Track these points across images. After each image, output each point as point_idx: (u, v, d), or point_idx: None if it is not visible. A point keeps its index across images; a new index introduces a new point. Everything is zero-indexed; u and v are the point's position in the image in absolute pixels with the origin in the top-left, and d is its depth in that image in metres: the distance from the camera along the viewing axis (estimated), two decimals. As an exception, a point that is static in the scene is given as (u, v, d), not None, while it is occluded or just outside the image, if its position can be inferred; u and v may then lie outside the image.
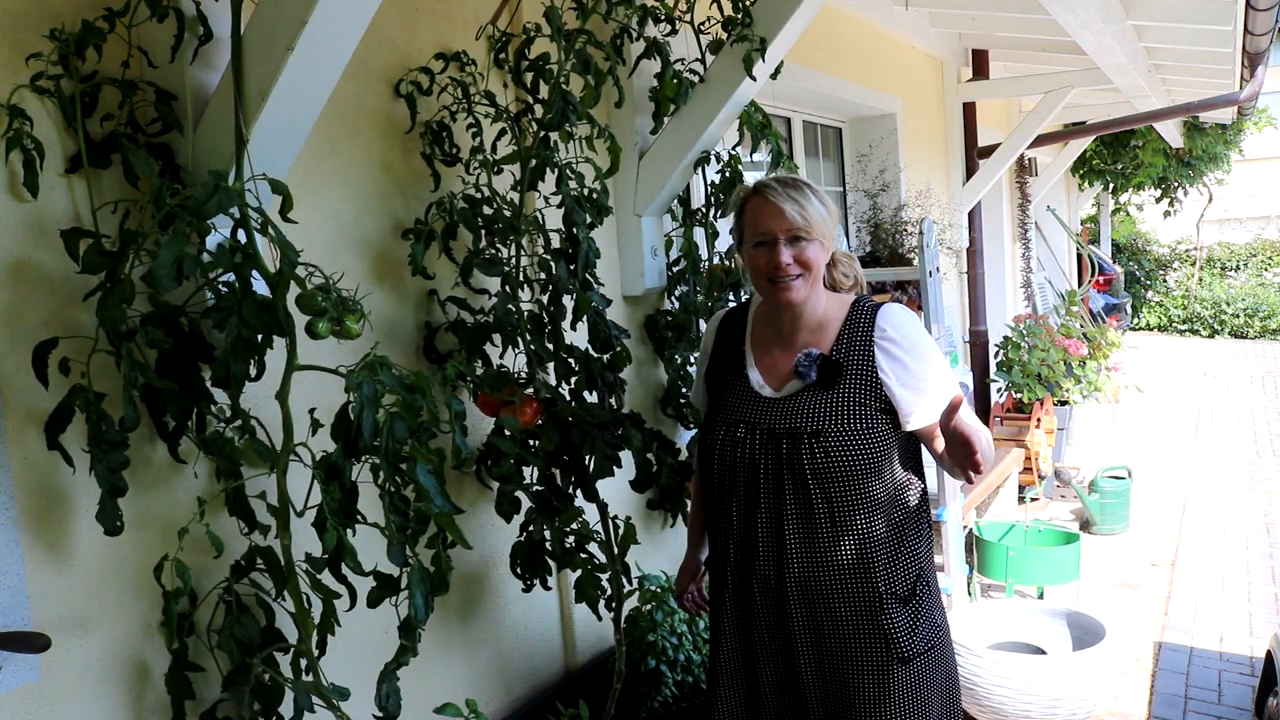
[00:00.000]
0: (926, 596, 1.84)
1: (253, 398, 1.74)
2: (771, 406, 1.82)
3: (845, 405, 1.76)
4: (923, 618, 1.82)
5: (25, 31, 1.56)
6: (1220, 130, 10.42)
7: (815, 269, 1.79)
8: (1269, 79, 6.66)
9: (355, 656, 2.07)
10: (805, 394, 1.79)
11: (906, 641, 1.79)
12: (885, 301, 1.85)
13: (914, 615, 1.81)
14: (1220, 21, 4.28)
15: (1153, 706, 3.38)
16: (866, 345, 1.78)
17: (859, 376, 1.77)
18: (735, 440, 1.84)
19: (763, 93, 2.93)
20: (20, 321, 1.56)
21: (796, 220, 1.76)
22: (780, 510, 1.79)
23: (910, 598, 1.81)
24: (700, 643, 2.77)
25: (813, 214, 1.77)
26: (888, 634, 1.78)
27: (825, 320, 1.83)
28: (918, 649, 1.80)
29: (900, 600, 1.80)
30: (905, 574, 1.82)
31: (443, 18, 2.36)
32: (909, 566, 1.82)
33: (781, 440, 1.78)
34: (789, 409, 1.80)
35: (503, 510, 2.24)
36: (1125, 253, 14.76)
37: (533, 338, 2.28)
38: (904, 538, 1.82)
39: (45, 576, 1.59)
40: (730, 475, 1.85)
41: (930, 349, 1.80)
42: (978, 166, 6.48)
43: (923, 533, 1.89)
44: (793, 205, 1.76)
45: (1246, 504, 5.61)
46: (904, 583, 1.81)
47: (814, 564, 1.78)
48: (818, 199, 1.80)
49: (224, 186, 1.50)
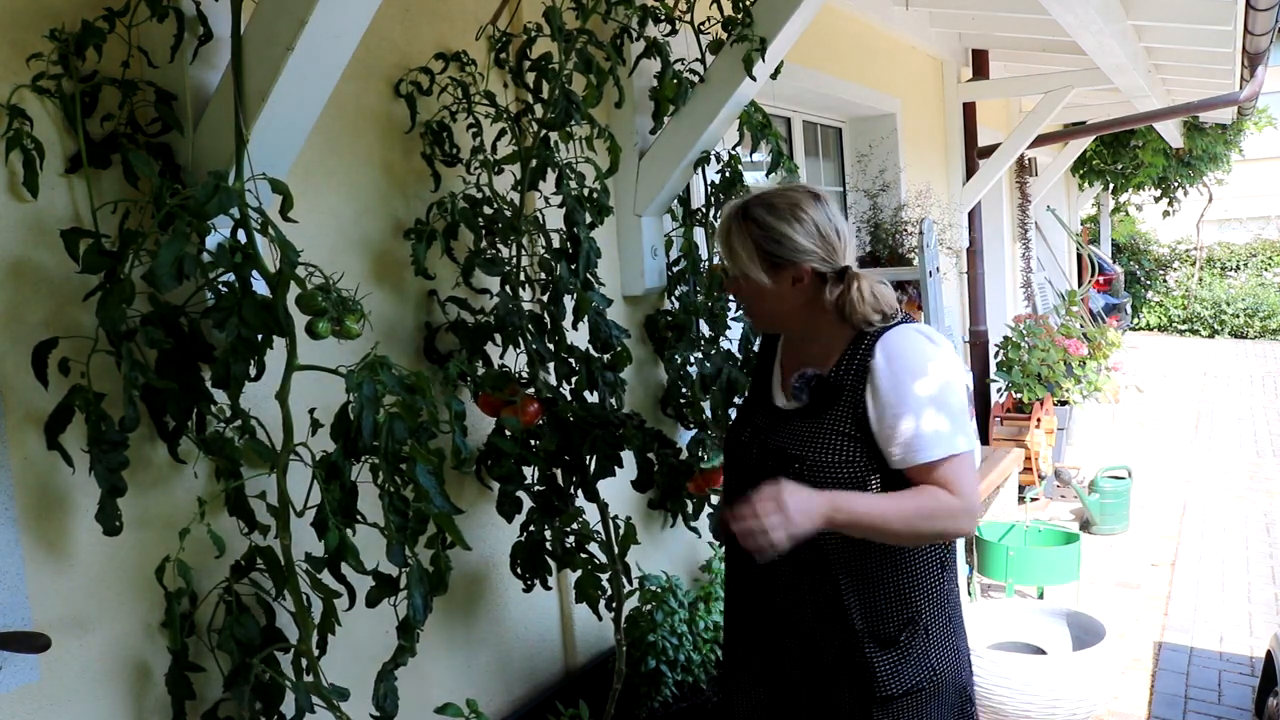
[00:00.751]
0: (919, 642, 1.69)
1: (253, 398, 1.74)
2: (776, 419, 1.77)
3: (827, 433, 1.66)
4: (911, 660, 1.68)
5: (25, 31, 1.56)
6: (1220, 130, 10.42)
7: (751, 301, 1.74)
8: (1269, 79, 6.65)
9: (356, 656, 2.07)
10: (798, 415, 1.72)
11: (887, 682, 1.66)
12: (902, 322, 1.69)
13: (899, 658, 1.68)
14: (1220, 21, 4.29)
15: (1153, 706, 3.38)
16: (861, 373, 1.65)
17: (848, 405, 1.65)
18: (740, 443, 1.82)
19: (763, 93, 2.93)
20: (20, 321, 1.56)
21: (723, 256, 1.76)
22: None
23: (895, 640, 1.68)
24: (700, 643, 2.77)
25: (738, 249, 1.70)
26: (865, 673, 1.67)
27: (831, 341, 1.71)
28: (896, 689, 1.67)
29: (881, 642, 1.67)
30: (891, 616, 1.68)
31: (443, 18, 2.36)
32: (897, 610, 1.69)
33: (768, 459, 1.73)
34: (785, 426, 1.74)
35: (503, 510, 2.24)
36: (1125, 253, 14.77)
37: (533, 338, 2.28)
38: (893, 579, 1.69)
39: (45, 576, 1.59)
40: (734, 478, 1.82)
41: (926, 385, 1.62)
42: (978, 166, 6.48)
43: (923, 577, 1.71)
44: (721, 241, 1.74)
45: (1246, 504, 5.61)
46: (889, 625, 1.68)
47: (796, 588, 1.71)
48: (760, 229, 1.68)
49: (224, 186, 1.50)
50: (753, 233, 1.69)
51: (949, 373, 1.64)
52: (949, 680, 1.73)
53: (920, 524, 1.60)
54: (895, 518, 1.58)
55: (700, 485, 2.65)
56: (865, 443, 1.64)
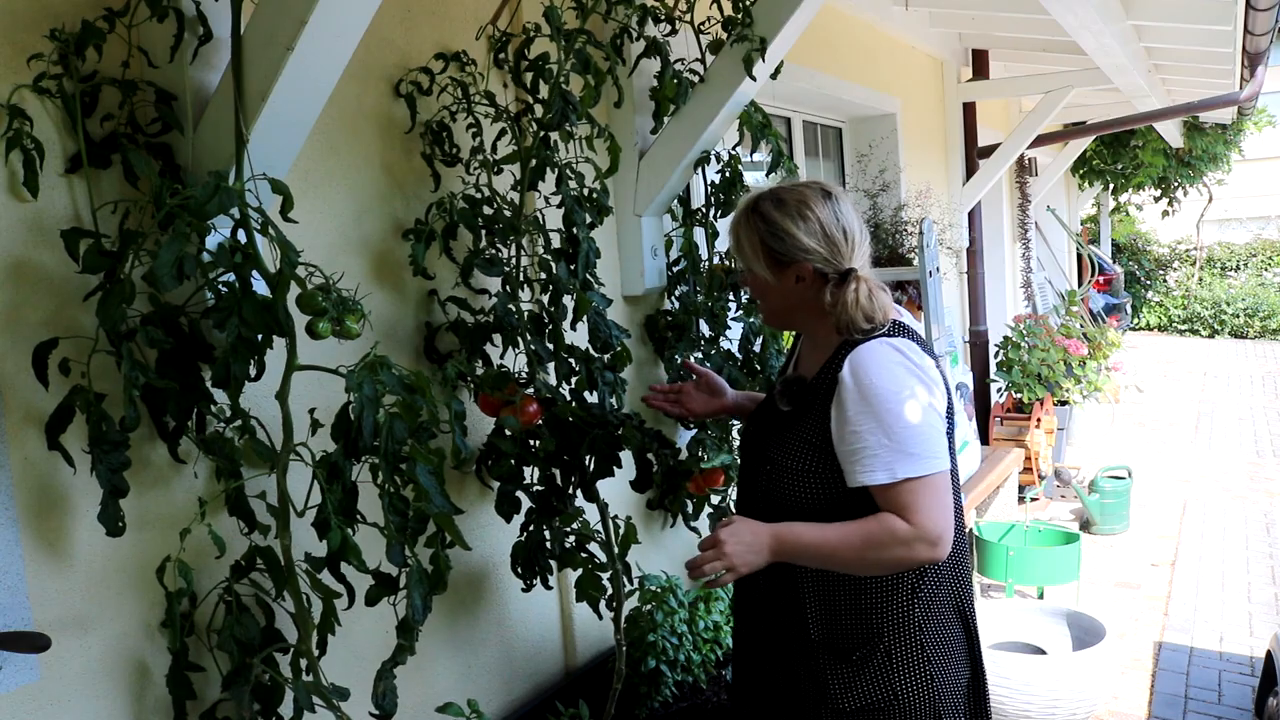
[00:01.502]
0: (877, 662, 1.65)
1: (253, 398, 1.74)
2: (773, 421, 1.78)
3: (796, 440, 1.66)
4: (865, 679, 1.65)
5: (25, 31, 1.56)
6: (1220, 130, 10.43)
7: (760, 296, 1.75)
8: (1269, 79, 6.66)
9: (356, 656, 2.07)
10: (781, 419, 1.73)
11: (841, 695, 1.65)
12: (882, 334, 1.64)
13: (855, 672, 1.65)
14: (1220, 21, 4.29)
15: (1153, 706, 3.38)
16: (831, 384, 1.62)
17: (817, 414, 1.64)
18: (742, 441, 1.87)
19: (763, 93, 2.93)
20: (20, 321, 1.56)
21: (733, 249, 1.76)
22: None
23: (848, 657, 1.65)
24: (700, 643, 2.77)
25: (745, 244, 1.71)
26: (817, 681, 1.67)
27: (826, 345, 1.70)
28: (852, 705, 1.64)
29: (838, 655, 1.66)
30: (851, 635, 1.66)
31: (443, 18, 2.36)
32: (856, 629, 1.66)
33: (751, 457, 1.78)
34: (774, 429, 1.75)
35: (503, 510, 2.24)
36: (1125, 253, 14.77)
37: (533, 338, 2.28)
38: (855, 593, 1.65)
39: (45, 576, 1.59)
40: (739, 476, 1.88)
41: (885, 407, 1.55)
42: (978, 166, 6.49)
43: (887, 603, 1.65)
44: (731, 235, 1.74)
45: (1246, 504, 5.61)
46: (848, 642, 1.66)
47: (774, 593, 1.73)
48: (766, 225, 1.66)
49: (224, 186, 1.50)
50: (759, 228, 1.68)
51: (915, 393, 1.57)
52: (916, 707, 1.66)
53: (869, 554, 1.55)
54: (842, 548, 1.55)
55: (700, 485, 2.65)
56: (829, 455, 1.61)
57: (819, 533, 1.58)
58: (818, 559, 1.59)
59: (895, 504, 1.55)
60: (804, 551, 1.58)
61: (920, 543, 1.54)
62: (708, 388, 2.13)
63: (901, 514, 1.54)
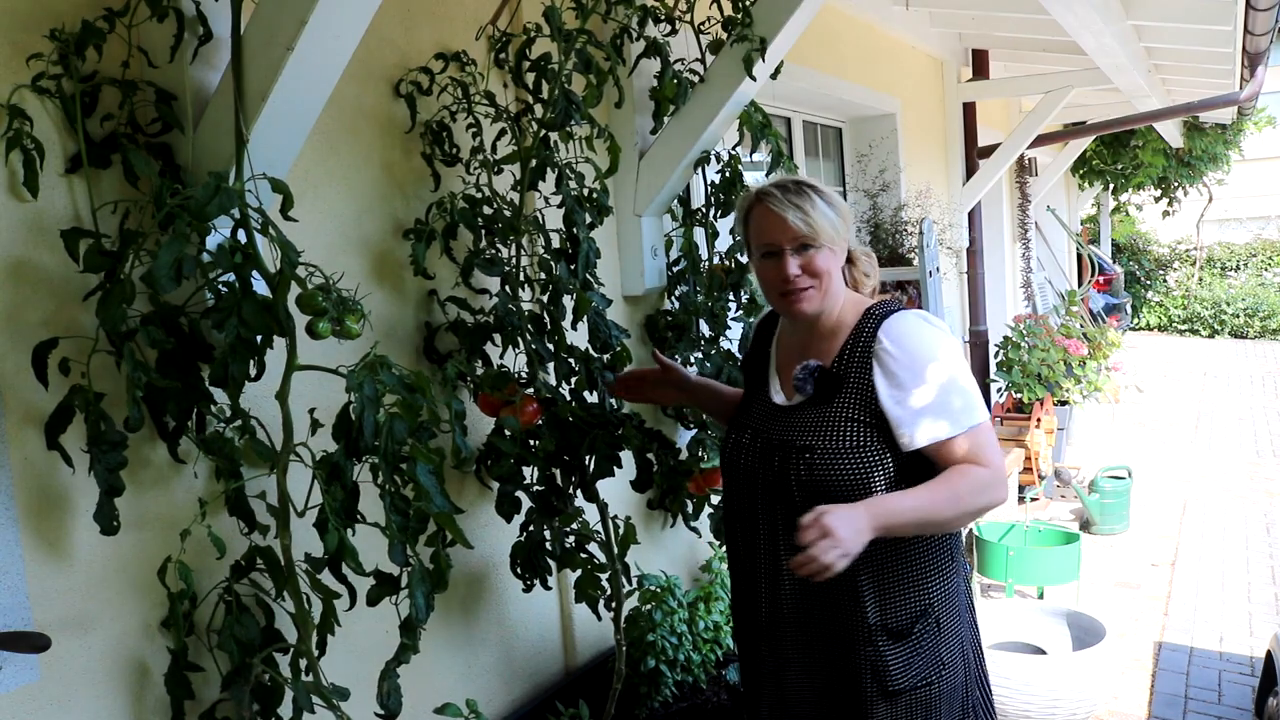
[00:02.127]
0: (932, 632, 1.71)
1: (253, 398, 1.74)
2: (778, 416, 1.77)
3: (836, 421, 1.67)
4: (921, 653, 1.69)
5: (25, 31, 1.56)
6: (1220, 130, 10.42)
7: (825, 277, 1.71)
8: (1269, 79, 6.66)
9: (355, 656, 2.07)
10: (803, 406, 1.73)
11: (895, 675, 1.67)
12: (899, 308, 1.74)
13: (910, 650, 1.68)
14: (1220, 21, 4.29)
15: (1153, 706, 3.38)
16: (866, 357, 1.68)
17: (855, 391, 1.67)
18: (740, 446, 1.81)
19: (763, 93, 2.93)
20: (20, 321, 1.56)
21: (800, 229, 1.68)
22: (774, 524, 1.73)
23: (907, 634, 1.68)
24: (700, 643, 2.77)
25: (818, 219, 1.68)
26: (874, 666, 1.67)
27: (838, 326, 1.75)
28: (905, 683, 1.68)
29: (893, 635, 1.68)
30: (904, 608, 1.69)
31: (443, 18, 2.36)
32: (911, 600, 1.70)
33: (775, 454, 1.73)
34: (790, 420, 1.74)
35: (503, 510, 2.24)
36: (1125, 253, 14.77)
37: (533, 338, 2.28)
38: (907, 569, 1.70)
39: (45, 576, 1.59)
40: (734, 481, 1.83)
41: (937, 365, 1.65)
42: (978, 166, 6.48)
43: (938, 565, 1.73)
44: (796, 213, 1.68)
45: (1246, 504, 5.61)
46: (902, 617, 1.69)
47: (807, 585, 1.67)
48: (824, 201, 1.71)
49: (224, 187, 1.50)
50: (828, 201, 1.72)
51: (954, 350, 1.68)
52: (955, 670, 1.74)
53: (966, 504, 1.61)
54: (944, 505, 1.59)
55: (700, 485, 2.65)
56: (877, 427, 1.65)
57: (913, 499, 1.60)
58: (916, 524, 1.61)
59: (964, 453, 1.62)
60: (905, 519, 1.58)
61: (998, 484, 1.64)
62: (672, 382, 2.15)
63: (975, 460, 1.62)
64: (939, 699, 1.71)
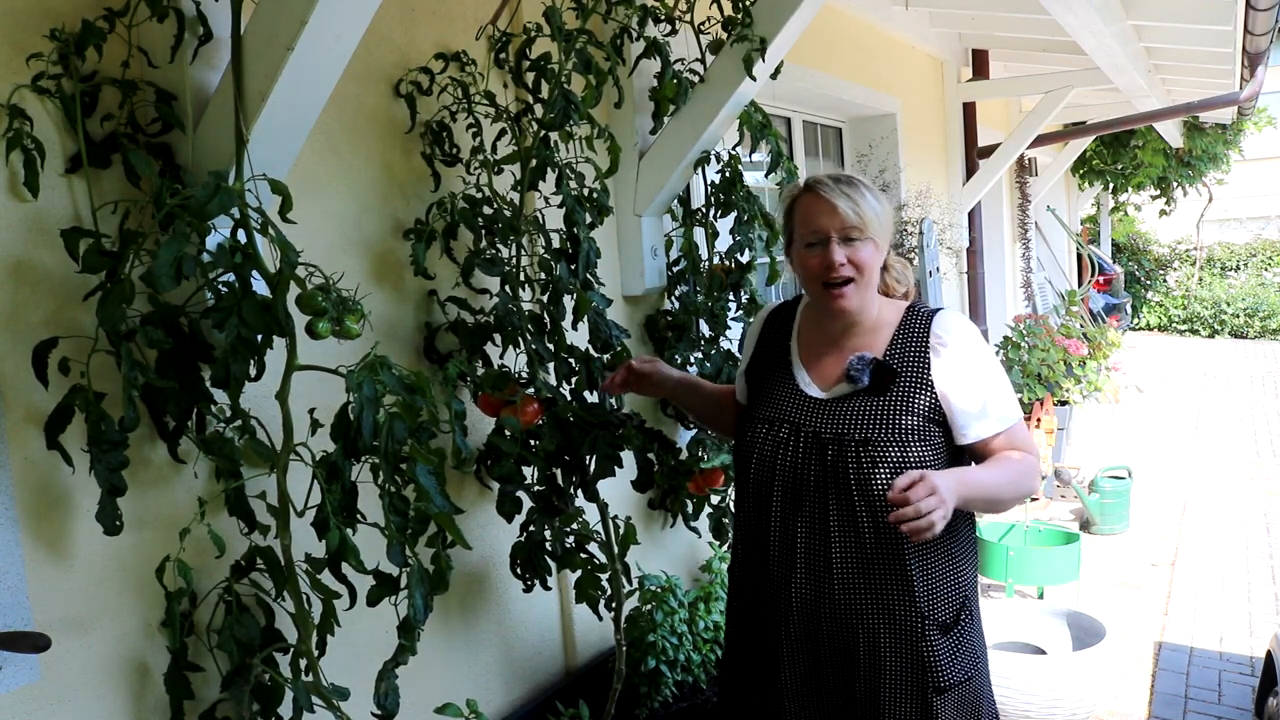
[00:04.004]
0: (969, 625, 1.75)
1: (253, 398, 1.74)
2: (818, 408, 1.73)
3: (896, 412, 1.66)
4: (964, 646, 1.72)
5: (25, 31, 1.56)
6: (1220, 130, 10.43)
7: (868, 271, 1.69)
8: (1269, 79, 6.66)
9: (355, 656, 2.07)
10: (855, 398, 1.70)
11: (945, 670, 1.68)
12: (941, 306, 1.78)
13: (955, 644, 1.71)
14: (1220, 21, 4.29)
15: (1153, 706, 3.37)
16: (922, 351, 1.69)
17: (913, 383, 1.68)
18: (777, 440, 1.75)
19: (763, 93, 2.93)
20: (20, 321, 1.56)
21: (850, 217, 1.67)
22: (824, 520, 1.69)
23: (953, 626, 1.71)
24: (700, 643, 2.77)
25: (867, 211, 1.68)
26: (925, 661, 1.68)
27: (879, 323, 1.75)
28: (955, 678, 1.70)
29: (941, 628, 1.70)
30: (950, 600, 1.72)
31: (443, 18, 2.36)
32: (954, 592, 1.73)
33: (827, 445, 1.68)
34: (837, 412, 1.70)
35: (503, 510, 2.24)
36: (1125, 253, 14.77)
37: (533, 338, 2.28)
38: (952, 561, 1.73)
39: (45, 576, 1.59)
40: (768, 478, 1.76)
41: (990, 360, 1.72)
42: (978, 166, 6.48)
43: (970, 557, 1.79)
44: (846, 202, 1.67)
45: (1246, 504, 5.61)
46: (948, 609, 1.71)
47: (855, 580, 1.68)
48: (873, 196, 1.71)
49: (224, 187, 1.50)
50: (875, 197, 1.73)
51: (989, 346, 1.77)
52: (987, 667, 1.79)
53: (1022, 486, 1.69)
54: (1008, 485, 1.67)
55: (700, 485, 2.65)
56: (934, 420, 1.68)
57: (988, 474, 1.67)
58: (987, 499, 1.66)
59: (1010, 442, 1.71)
60: (979, 494, 1.63)
61: (1039, 471, 1.73)
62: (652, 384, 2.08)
63: (1021, 449, 1.72)
64: (979, 692, 1.75)
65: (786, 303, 1.93)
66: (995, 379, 1.71)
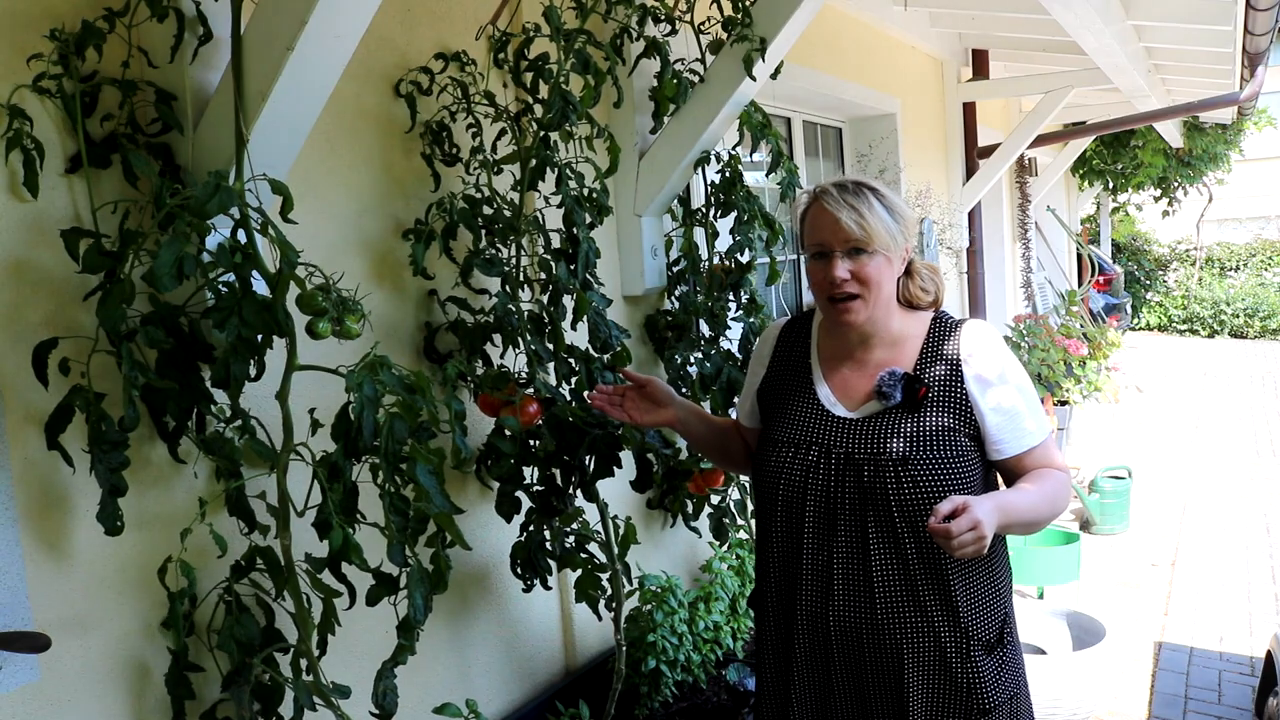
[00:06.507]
0: (1011, 642, 1.70)
1: (253, 398, 1.74)
2: (848, 429, 1.65)
3: (934, 430, 1.59)
4: (1007, 665, 1.68)
5: (25, 31, 1.56)
6: (1220, 130, 10.42)
7: (875, 286, 1.61)
8: (1269, 79, 6.66)
9: (356, 656, 2.07)
10: (887, 416, 1.62)
11: (990, 690, 1.63)
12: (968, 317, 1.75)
13: (999, 663, 1.66)
14: (1220, 21, 4.29)
15: (1153, 706, 3.37)
16: (954, 366, 1.62)
17: (947, 399, 1.61)
18: (806, 464, 1.66)
19: (763, 93, 2.93)
20: (20, 321, 1.56)
21: (853, 231, 1.58)
22: (864, 545, 1.61)
23: (997, 644, 1.67)
24: (700, 643, 2.77)
25: (874, 224, 1.59)
26: (971, 683, 1.62)
27: (902, 336, 1.67)
28: (1000, 698, 1.64)
29: (986, 647, 1.64)
30: (992, 618, 1.67)
31: (443, 18, 2.36)
32: (996, 609, 1.68)
33: (863, 467, 1.60)
34: (869, 432, 1.62)
35: (503, 510, 2.24)
36: (1125, 253, 14.77)
37: (533, 338, 2.28)
38: (992, 578, 1.68)
39: (46, 576, 1.59)
40: (798, 503, 1.67)
41: (1020, 373, 1.66)
42: (978, 166, 6.48)
43: (1006, 573, 1.74)
44: (850, 214, 1.59)
45: (1246, 504, 5.61)
46: (991, 627, 1.66)
47: (899, 602, 1.61)
48: (884, 205, 1.62)
49: (224, 186, 1.50)
50: (888, 206, 1.63)
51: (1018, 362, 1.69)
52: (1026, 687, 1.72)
53: (1058, 503, 1.63)
54: (1043, 504, 1.60)
55: (700, 485, 2.65)
56: (971, 436, 1.63)
57: (1026, 496, 1.60)
58: (1026, 521, 1.60)
59: (1042, 459, 1.66)
60: (1020, 517, 1.57)
61: (1070, 488, 1.68)
62: (652, 397, 1.94)
63: (1051, 464, 1.66)
64: (1021, 711, 1.70)
65: (798, 317, 1.83)
66: (1026, 393, 1.65)
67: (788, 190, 2.97)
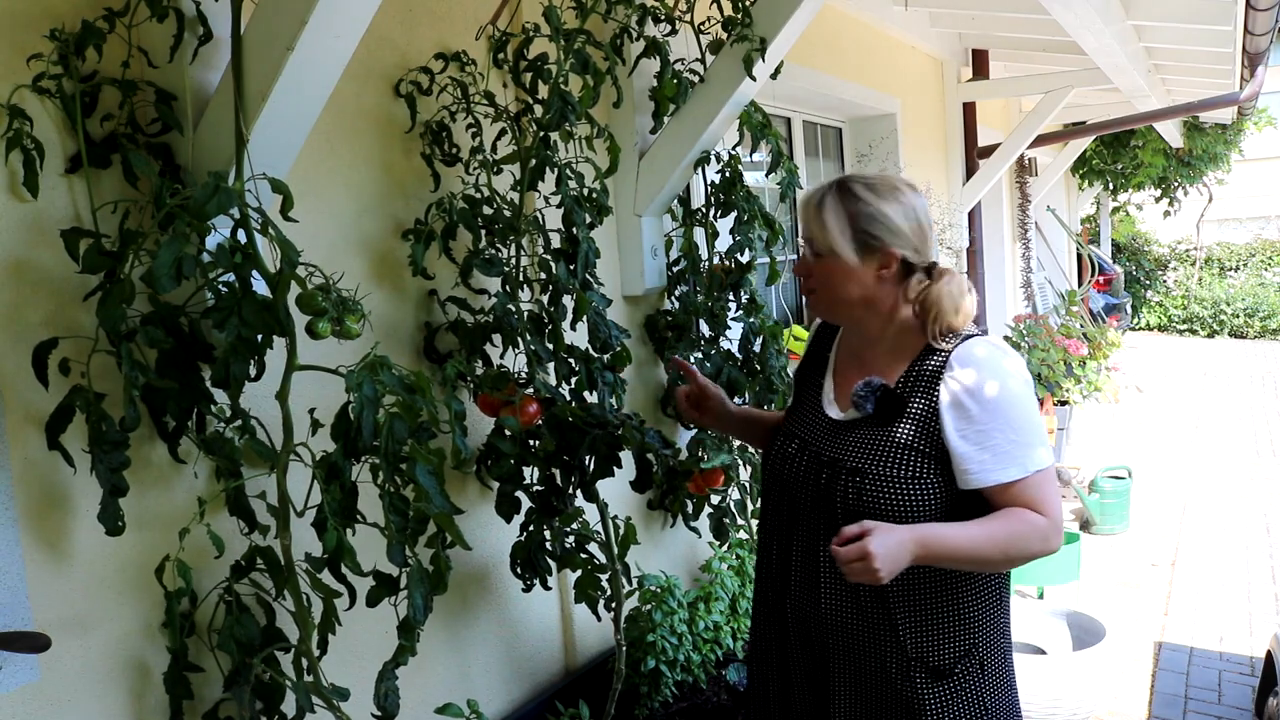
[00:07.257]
0: (976, 675, 1.60)
1: (253, 398, 1.74)
2: (829, 430, 1.67)
3: (896, 446, 1.55)
4: (963, 698, 1.58)
5: (25, 31, 1.56)
6: (1220, 130, 10.42)
7: (823, 285, 1.61)
8: (1269, 79, 6.66)
9: (356, 656, 2.07)
10: (860, 425, 1.61)
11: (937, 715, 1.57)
12: (973, 334, 1.60)
13: (950, 692, 1.58)
14: (1220, 21, 4.28)
15: (1153, 706, 3.38)
16: (934, 384, 1.55)
17: (918, 417, 1.55)
18: (786, 455, 1.70)
19: (763, 93, 2.93)
20: (20, 321, 1.56)
21: (805, 228, 1.63)
22: (813, 539, 1.63)
23: (948, 674, 1.58)
24: (700, 643, 2.77)
25: (824, 223, 1.58)
26: (909, 703, 1.57)
27: (903, 347, 1.62)
28: None
29: (933, 672, 1.57)
30: (948, 644, 1.58)
31: (443, 18, 2.36)
32: (956, 638, 1.59)
33: (823, 469, 1.62)
34: (842, 437, 1.63)
35: (503, 510, 2.24)
36: (1125, 253, 14.77)
37: (533, 338, 2.28)
38: (954, 604, 1.59)
39: (46, 576, 1.59)
40: (776, 491, 1.72)
41: (1012, 398, 1.52)
42: (978, 166, 6.48)
43: (985, 605, 1.62)
44: (807, 210, 1.61)
45: (1246, 504, 5.61)
46: (944, 654, 1.58)
47: (842, 608, 1.60)
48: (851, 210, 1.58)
49: (224, 187, 1.50)
50: (849, 206, 1.59)
51: (1025, 385, 1.56)
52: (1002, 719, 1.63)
53: (1014, 549, 1.50)
54: (988, 545, 1.49)
55: (700, 485, 2.65)
56: (936, 459, 1.54)
57: (964, 532, 1.49)
58: (961, 560, 1.50)
59: (1026, 498, 1.51)
60: (951, 554, 1.48)
61: (1054, 533, 1.52)
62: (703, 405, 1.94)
63: (1034, 507, 1.51)
64: None
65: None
66: (1015, 424, 1.51)
67: (788, 190, 2.97)
